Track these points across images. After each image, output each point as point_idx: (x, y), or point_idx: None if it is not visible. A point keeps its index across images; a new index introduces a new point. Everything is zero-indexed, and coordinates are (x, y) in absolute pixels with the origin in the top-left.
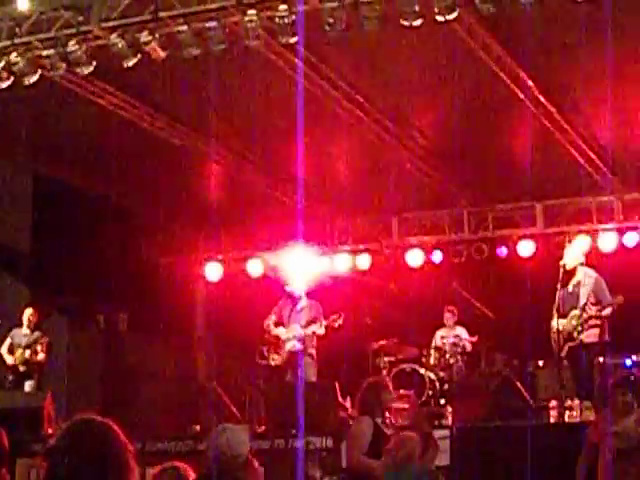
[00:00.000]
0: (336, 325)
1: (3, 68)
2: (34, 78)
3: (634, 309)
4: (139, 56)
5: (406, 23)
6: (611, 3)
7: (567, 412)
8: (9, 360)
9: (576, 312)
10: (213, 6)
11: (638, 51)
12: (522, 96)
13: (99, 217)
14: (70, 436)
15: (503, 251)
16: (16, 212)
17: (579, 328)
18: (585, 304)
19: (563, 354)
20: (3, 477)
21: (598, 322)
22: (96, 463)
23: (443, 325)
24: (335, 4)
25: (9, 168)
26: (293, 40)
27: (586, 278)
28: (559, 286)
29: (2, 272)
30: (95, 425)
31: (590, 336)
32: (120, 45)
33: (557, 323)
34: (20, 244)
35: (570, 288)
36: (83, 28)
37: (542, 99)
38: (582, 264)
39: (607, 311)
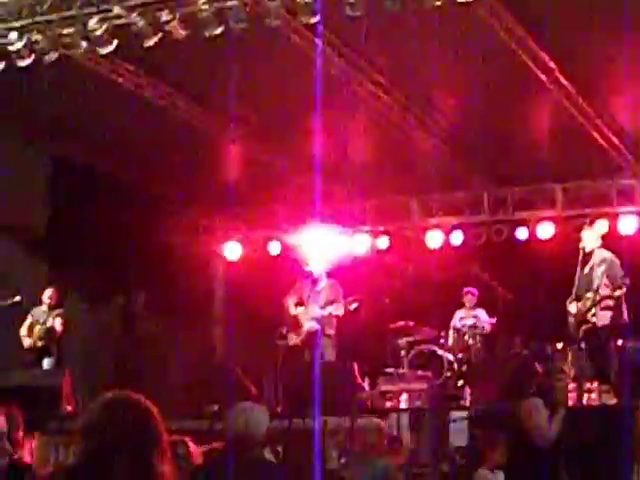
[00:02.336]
0: (352, 308)
1: (24, 46)
2: (54, 56)
3: None
4: (160, 35)
5: (427, 4)
6: None
7: (586, 395)
8: (27, 342)
9: (590, 295)
10: None
11: None
12: (544, 78)
13: (118, 197)
14: (105, 412)
15: (523, 233)
16: (35, 193)
17: (593, 310)
18: (599, 286)
19: (579, 336)
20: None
21: (611, 304)
22: (133, 438)
23: (462, 306)
24: None
25: (28, 149)
26: (314, 20)
27: (600, 260)
28: (579, 269)
29: (21, 252)
30: (130, 401)
31: (603, 318)
32: (140, 24)
33: (572, 306)
34: (39, 224)
35: (586, 270)
36: (104, 7)
37: (564, 81)
38: (599, 247)
39: (619, 292)
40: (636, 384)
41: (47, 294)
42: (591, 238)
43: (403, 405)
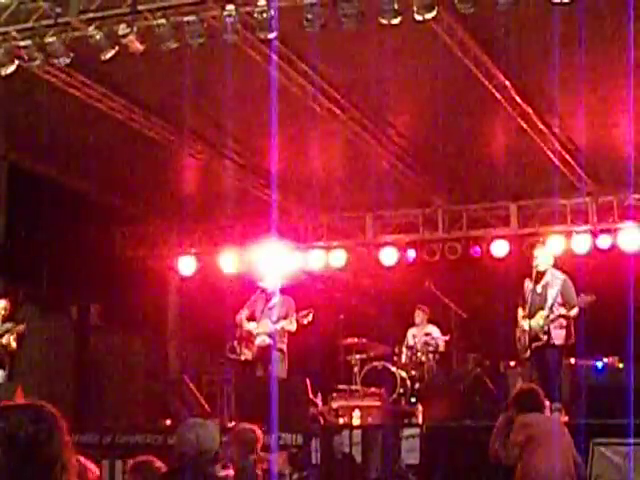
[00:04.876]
0: (305, 322)
1: None
2: (11, 68)
3: (606, 311)
4: (117, 49)
5: (385, 21)
6: (587, 6)
7: None
8: None
9: (543, 312)
10: (192, 0)
11: (614, 54)
12: (499, 96)
13: (73, 209)
14: (5, 424)
15: (477, 251)
16: None
17: (545, 328)
18: (553, 304)
19: (528, 354)
20: None
21: (564, 323)
22: (36, 453)
23: (414, 324)
24: (314, 0)
25: None
26: (271, 35)
27: (554, 279)
28: (532, 286)
29: None
30: (32, 411)
31: (558, 337)
32: (98, 37)
33: (525, 323)
34: None
35: (538, 289)
36: (61, 19)
37: (519, 100)
38: (551, 265)
39: (574, 312)
40: (587, 402)
41: (0, 306)
42: (544, 256)
43: (355, 422)
